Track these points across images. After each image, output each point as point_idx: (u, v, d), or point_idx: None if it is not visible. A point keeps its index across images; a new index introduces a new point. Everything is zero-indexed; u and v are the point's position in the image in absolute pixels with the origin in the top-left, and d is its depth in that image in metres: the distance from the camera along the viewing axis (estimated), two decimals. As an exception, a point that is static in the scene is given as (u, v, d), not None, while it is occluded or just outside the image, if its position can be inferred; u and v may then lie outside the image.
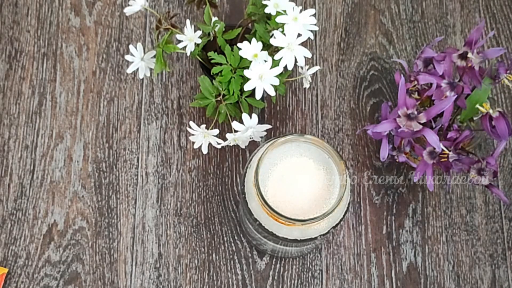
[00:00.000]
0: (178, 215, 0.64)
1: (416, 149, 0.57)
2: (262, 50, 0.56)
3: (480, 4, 0.73)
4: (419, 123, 0.54)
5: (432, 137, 0.53)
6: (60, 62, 0.69)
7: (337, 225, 0.51)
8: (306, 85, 0.62)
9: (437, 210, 0.65)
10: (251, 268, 0.62)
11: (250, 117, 0.56)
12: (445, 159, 0.55)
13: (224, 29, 0.59)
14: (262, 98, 0.57)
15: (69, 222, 0.63)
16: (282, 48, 0.55)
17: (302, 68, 0.61)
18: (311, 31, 0.57)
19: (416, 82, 0.57)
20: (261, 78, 0.55)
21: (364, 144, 0.67)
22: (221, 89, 0.57)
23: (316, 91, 0.69)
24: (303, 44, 0.56)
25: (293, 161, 0.51)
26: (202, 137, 0.59)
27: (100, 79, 0.68)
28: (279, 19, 0.56)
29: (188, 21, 0.57)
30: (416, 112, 0.55)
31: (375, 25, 0.72)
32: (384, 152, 0.58)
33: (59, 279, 0.61)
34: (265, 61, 0.55)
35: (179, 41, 0.58)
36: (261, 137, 0.60)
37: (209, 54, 0.57)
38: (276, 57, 0.55)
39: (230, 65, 0.57)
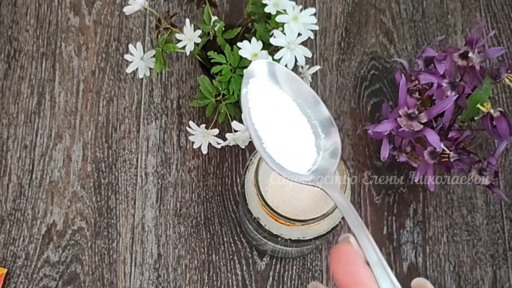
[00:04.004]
0: (178, 216, 0.63)
1: (417, 149, 0.57)
2: (262, 49, 0.55)
3: (481, 4, 0.72)
4: (420, 123, 0.54)
5: (433, 137, 0.53)
6: (59, 61, 0.69)
7: (337, 225, 0.51)
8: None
9: (438, 210, 0.64)
10: (251, 268, 0.62)
11: (250, 117, 0.56)
12: (446, 159, 0.55)
13: (224, 29, 0.59)
14: (262, 98, 0.57)
15: (68, 222, 0.63)
16: (282, 47, 0.55)
17: (302, 67, 0.61)
18: (312, 30, 0.57)
19: (417, 82, 0.57)
20: (261, 77, 0.55)
21: (364, 144, 0.67)
22: (221, 88, 0.57)
23: (316, 91, 0.68)
24: (303, 43, 0.55)
25: (293, 161, 0.50)
26: (202, 137, 0.59)
27: (100, 78, 0.68)
28: (279, 19, 0.55)
29: (187, 21, 0.57)
30: (417, 112, 0.54)
31: (376, 25, 0.71)
32: (385, 152, 0.58)
33: (58, 279, 0.61)
34: (265, 60, 0.55)
35: (179, 41, 0.57)
36: (261, 137, 0.60)
37: (208, 53, 0.57)
38: (276, 56, 0.55)
39: (230, 64, 0.57)
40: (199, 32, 0.57)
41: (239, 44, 0.55)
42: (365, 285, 0.26)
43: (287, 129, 0.36)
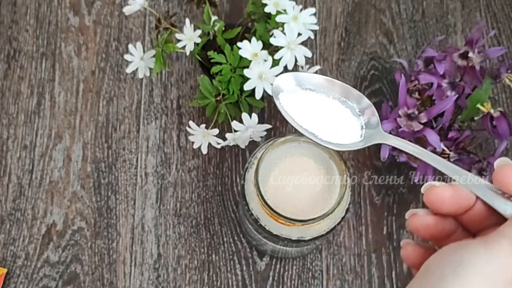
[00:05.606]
0: (178, 216, 0.63)
1: (417, 149, 0.57)
2: (262, 49, 0.55)
3: (481, 4, 0.72)
4: (420, 123, 0.54)
5: (433, 137, 0.53)
6: (59, 61, 0.69)
7: (337, 225, 0.51)
8: (306, 84, 0.62)
9: (438, 210, 0.64)
10: (251, 268, 0.62)
11: (250, 117, 0.56)
12: (446, 159, 0.55)
13: (223, 28, 0.59)
14: (262, 98, 0.57)
15: (68, 222, 0.63)
16: (282, 47, 0.55)
17: (302, 67, 0.61)
18: (312, 30, 0.57)
19: (416, 82, 0.57)
20: (261, 77, 0.55)
21: (364, 144, 0.67)
22: (220, 88, 0.57)
23: (316, 91, 0.68)
24: (303, 43, 0.55)
25: (293, 161, 0.50)
26: (202, 137, 0.59)
27: (99, 78, 0.68)
28: (279, 18, 0.55)
29: (187, 20, 0.57)
30: (416, 112, 0.54)
31: (376, 25, 0.71)
32: (385, 152, 0.58)
33: (58, 279, 0.61)
34: (265, 60, 0.55)
35: (179, 41, 0.57)
36: (261, 137, 0.60)
37: (208, 53, 0.57)
38: (276, 56, 0.55)
39: (230, 64, 0.57)
40: (199, 32, 0.57)
41: (239, 44, 0.55)
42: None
43: (332, 118, 0.41)
